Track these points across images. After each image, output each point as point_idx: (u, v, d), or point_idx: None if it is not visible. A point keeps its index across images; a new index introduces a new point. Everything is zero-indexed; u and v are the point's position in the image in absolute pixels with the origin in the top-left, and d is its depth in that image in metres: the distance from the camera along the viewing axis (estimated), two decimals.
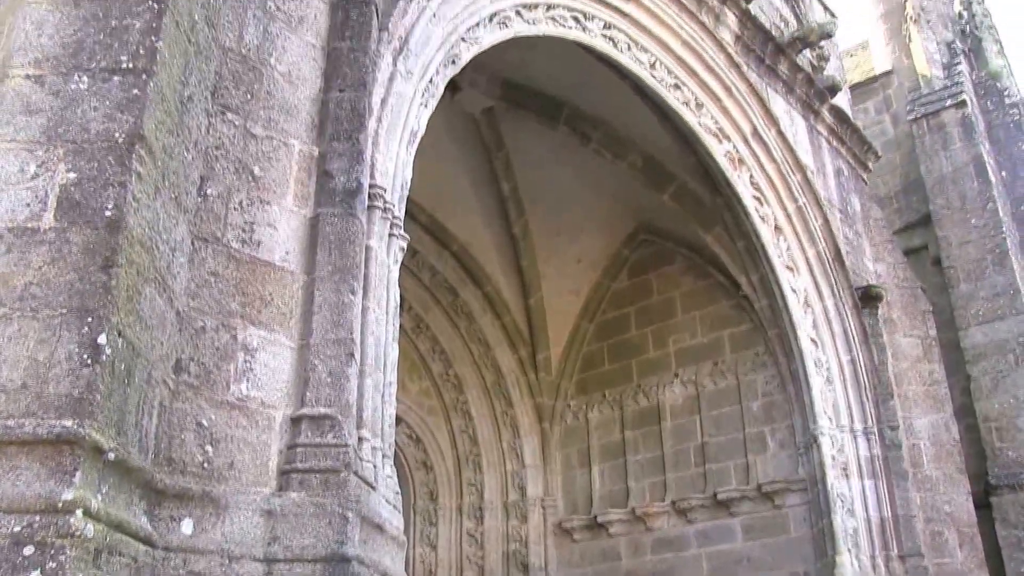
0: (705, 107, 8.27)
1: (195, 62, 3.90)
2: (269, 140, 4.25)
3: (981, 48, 15.41)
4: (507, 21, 6.23)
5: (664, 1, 7.82)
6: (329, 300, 4.03)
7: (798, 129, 9.53)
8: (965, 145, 12.89)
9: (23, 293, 3.08)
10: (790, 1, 10.69)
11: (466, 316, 11.08)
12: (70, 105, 3.42)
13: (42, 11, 3.60)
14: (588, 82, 8.44)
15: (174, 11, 3.72)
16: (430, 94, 5.36)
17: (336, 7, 4.75)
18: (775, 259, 8.79)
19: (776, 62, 9.29)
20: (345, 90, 4.47)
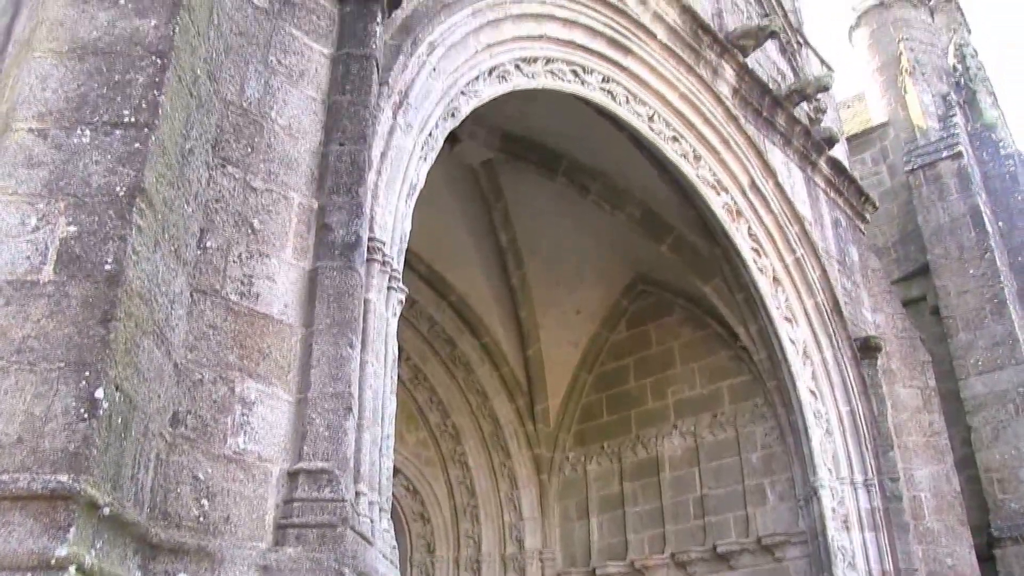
0: (703, 159, 8.33)
1: (196, 115, 3.93)
2: (269, 193, 4.27)
3: (976, 100, 15.57)
4: (506, 75, 6.30)
5: (662, 55, 7.91)
6: (327, 353, 4.02)
7: (795, 181, 9.59)
8: (962, 196, 12.97)
9: (21, 346, 3.07)
10: (787, 54, 10.81)
11: (464, 367, 11.07)
12: (72, 158, 3.44)
13: (47, 65, 3.64)
14: (587, 134, 8.51)
15: (177, 66, 3.75)
16: (429, 147, 5.41)
17: (337, 61, 4.81)
18: (773, 310, 8.80)
19: (773, 115, 9.38)
20: (345, 143, 4.51)
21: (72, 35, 3.73)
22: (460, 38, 5.79)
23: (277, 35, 4.66)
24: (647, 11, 7.92)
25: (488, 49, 6.10)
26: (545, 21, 6.74)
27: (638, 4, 7.85)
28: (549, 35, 6.76)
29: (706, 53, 8.49)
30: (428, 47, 5.44)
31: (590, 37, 7.19)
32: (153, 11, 3.80)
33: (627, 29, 7.55)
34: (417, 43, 5.34)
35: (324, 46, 4.84)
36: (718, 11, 9.56)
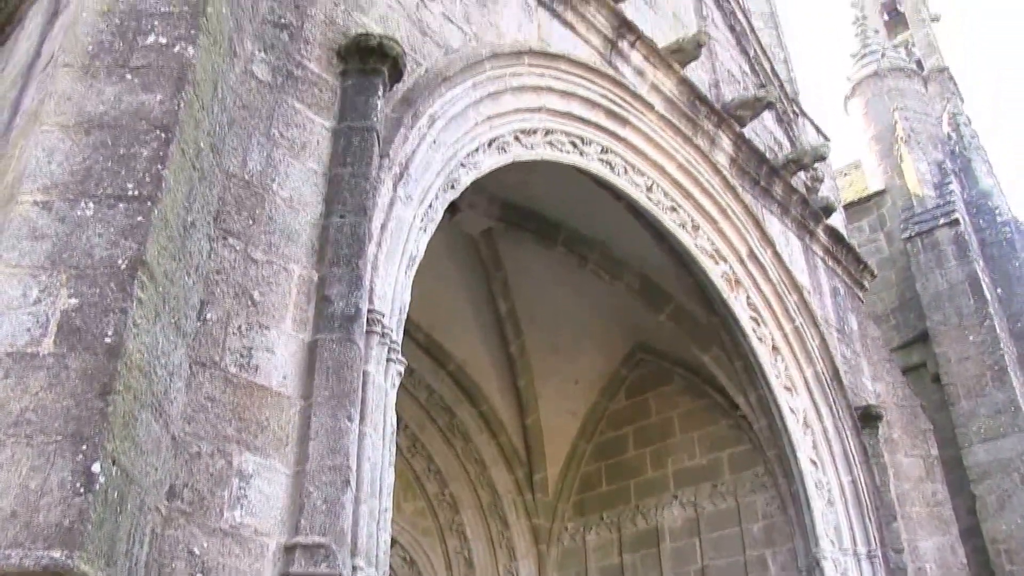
0: (701, 229, 8.38)
1: (199, 188, 3.97)
2: (269, 265, 4.30)
3: (971, 168, 15.75)
4: (506, 146, 6.38)
5: (660, 126, 8.01)
6: (326, 426, 4.01)
7: (794, 249, 9.64)
8: (960, 263, 13.03)
9: (19, 419, 3.06)
10: (783, 124, 10.94)
11: (462, 436, 11.01)
12: (75, 231, 3.46)
13: (54, 139, 3.69)
14: (585, 204, 8.57)
15: (181, 139, 3.80)
16: (429, 218, 5.45)
17: (338, 134, 4.87)
18: (773, 379, 8.77)
19: (771, 184, 9.46)
20: (346, 215, 4.55)
21: (79, 109, 3.79)
22: (460, 110, 5.87)
23: (280, 108, 4.73)
24: (644, 82, 8.05)
25: (488, 121, 6.18)
26: (544, 93, 6.84)
27: (635, 76, 7.98)
28: (548, 107, 6.86)
29: (703, 123, 8.60)
30: (429, 119, 5.52)
31: (588, 108, 7.29)
32: (159, 86, 3.86)
33: (625, 100, 7.66)
34: (418, 116, 5.41)
35: (326, 119, 4.91)
36: (715, 82, 9.71)
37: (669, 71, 8.31)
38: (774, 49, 12.81)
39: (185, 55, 3.96)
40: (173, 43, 4.00)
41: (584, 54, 7.52)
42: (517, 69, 6.57)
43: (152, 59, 3.95)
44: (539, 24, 7.19)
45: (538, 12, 7.26)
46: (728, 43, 10.71)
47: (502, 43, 6.61)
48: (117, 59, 3.95)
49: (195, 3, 4.13)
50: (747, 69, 10.82)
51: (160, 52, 3.97)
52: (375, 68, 5.08)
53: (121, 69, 3.92)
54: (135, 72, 3.91)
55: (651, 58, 8.15)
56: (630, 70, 7.95)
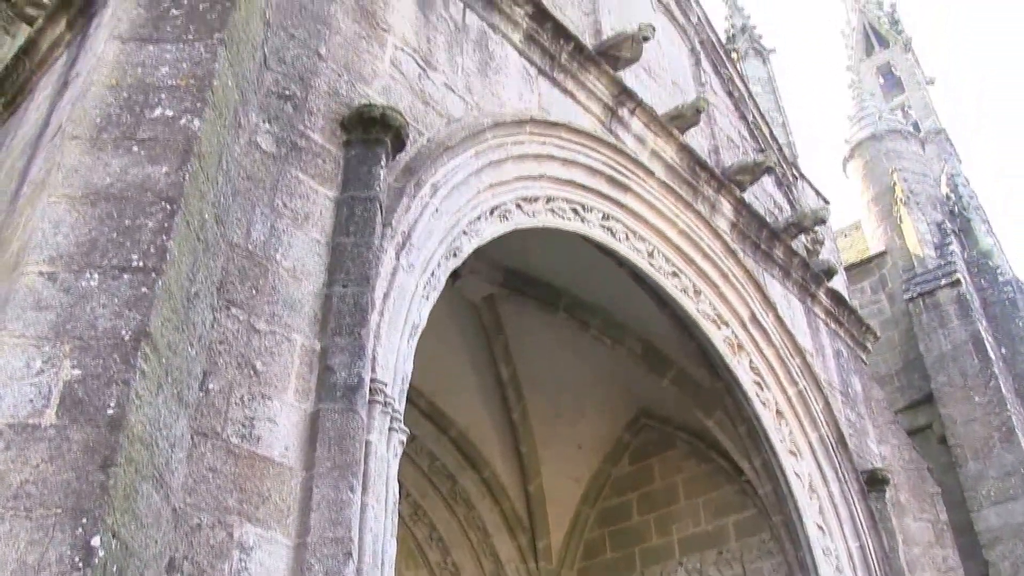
0: (703, 294, 8.40)
1: (203, 259, 4.00)
2: (272, 335, 4.30)
3: (970, 228, 15.84)
4: (508, 214, 6.42)
5: (661, 192, 8.08)
6: (328, 497, 3.98)
7: (795, 313, 9.64)
8: (962, 323, 13.03)
9: (18, 491, 3.05)
10: (783, 188, 11.03)
11: (464, 502, 10.91)
12: (80, 302, 3.48)
13: (60, 210, 3.73)
14: (587, 269, 8.61)
15: (186, 211, 3.84)
16: (432, 287, 5.47)
17: (341, 204, 4.90)
18: (777, 444, 8.71)
19: (772, 248, 9.51)
20: (348, 285, 4.56)
21: (86, 181, 3.84)
22: (463, 179, 5.91)
23: (283, 179, 4.76)
24: (645, 149, 8.13)
25: (490, 189, 6.23)
26: (545, 161, 6.91)
27: (636, 143, 8.07)
28: (549, 174, 6.92)
29: (704, 189, 8.67)
30: (431, 188, 5.56)
31: (589, 176, 7.35)
32: (165, 158, 3.91)
33: (626, 167, 7.73)
34: (420, 185, 5.46)
35: (329, 189, 4.95)
36: (714, 147, 9.81)
37: (669, 138, 8.40)
38: (772, 113, 12.97)
39: (191, 128, 4.02)
40: (179, 116, 4.06)
41: (585, 122, 7.61)
42: (519, 137, 6.64)
43: (158, 132, 4.00)
44: (540, 93, 7.29)
45: (539, 81, 7.36)
46: (727, 109, 10.84)
47: (503, 112, 6.68)
48: (124, 132, 4.01)
49: (202, 77, 4.21)
50: (746, 134, 10.94)
51: (166, 125, 4.03)
52: (378, 138, 5.12)
53: (128, 142, 3.97)
54: (141, 144, 3.97)
55: (651, 125, 8.25)
56: (631, 137, 8.04)
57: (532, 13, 7.38)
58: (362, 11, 5.89)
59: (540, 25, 7.45)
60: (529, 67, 7.33)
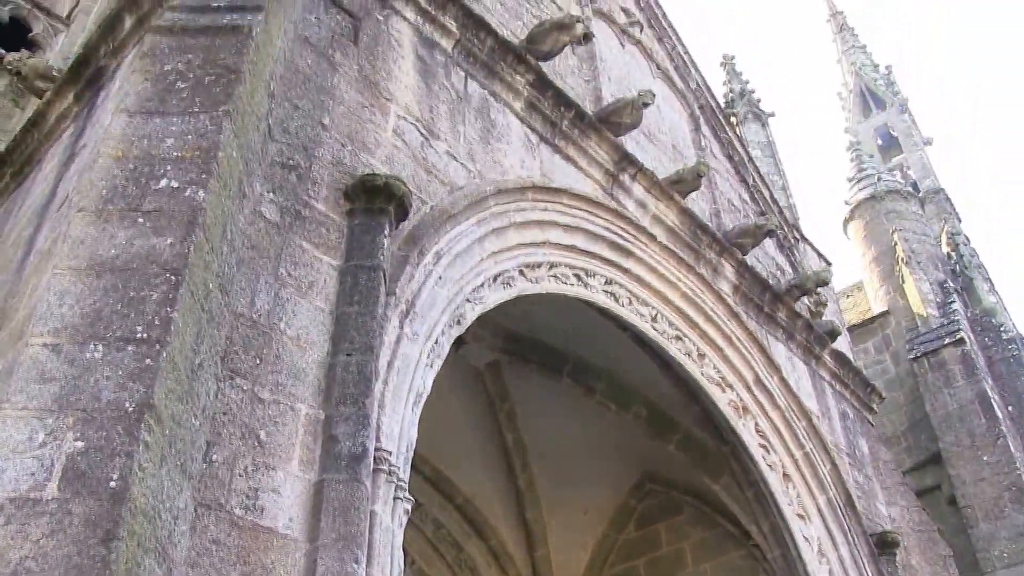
0: (707, 357, 8.39)
1: (207, 329, 4.00)
2: (276, 404, 4.29)
3: (973, 286, 15.86)
4: (511, 281, 6.44)
5: (663, 256, 8.11)
6: (332, 569, 3.93)
7: (800, 375, 9.61)
8: (968, 382, 12.99)
9: (17, 568, 3.01)
10: (785, 250, 11.07)
11: (470, 570, 10.77)
12: (84, 374, 3.48)
13: (66, 282, 3.75)
14: (591, 334, 8.61)
15: (190, 282, 3.85)
16: (436, 354, 5.46)
17: (345, 273, 4.91)
18: (785, 507, 8.62)
19: (775, 310, 9.51)
20: (352, 354, 4.56)
21: (92, 253, 3.86)
22: (466, 246, 5.94)
23: (288, 248, 4.79)
24: (646, 214, 8.18)
25: (493, 256, 6.26)
26: (548, 227, 6.95)
27: (637, 208, 8.12)
28: (552, 241, 6.95)
29: (706, 252, 8.70)
30: (434, 256, 5.59)
31: (591, 241, 7.39)
32: (170, 230, 3.94)
33: (628, 232, 7.77)
34: (424, 253, 5.48)
35: (333, 258, 4.97)
36: (716, 211, 9.88)
37: (670, 202, 8.46)
38: (772, 176, 13.07)
39: (196, 199, 4.05)
40: (184, 187, 4.10)
41: (586, 188, 7.66)
42: (521, 204, 6.69)
43: (164, 203, 4.04)
44: (541, 160, 7.36)
45: (540, 148, 7.43)
46: (727, 172, 10.94)
47: (506, 179, 6.73)
48: (130, 203, 4.04)
49: (207, 149, 4.26)
50: (746, 197, 11.02)
51: (171, 196, 4.06)
52: (381, 208, 5.15)
53: (133, 213, 4.01)
54: (147, 216, 4.00)
55: (652, 190, 8.31)
56: (632, 202, 8.10)
57: (533, 81, 7.48)
58: (365, 81, 5.98)
59: (541, 93, 7.54)
60: (531, 134, 7.40)
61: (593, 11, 10.06)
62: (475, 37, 7.14)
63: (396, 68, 6.33)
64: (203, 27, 4.81)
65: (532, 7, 8.82)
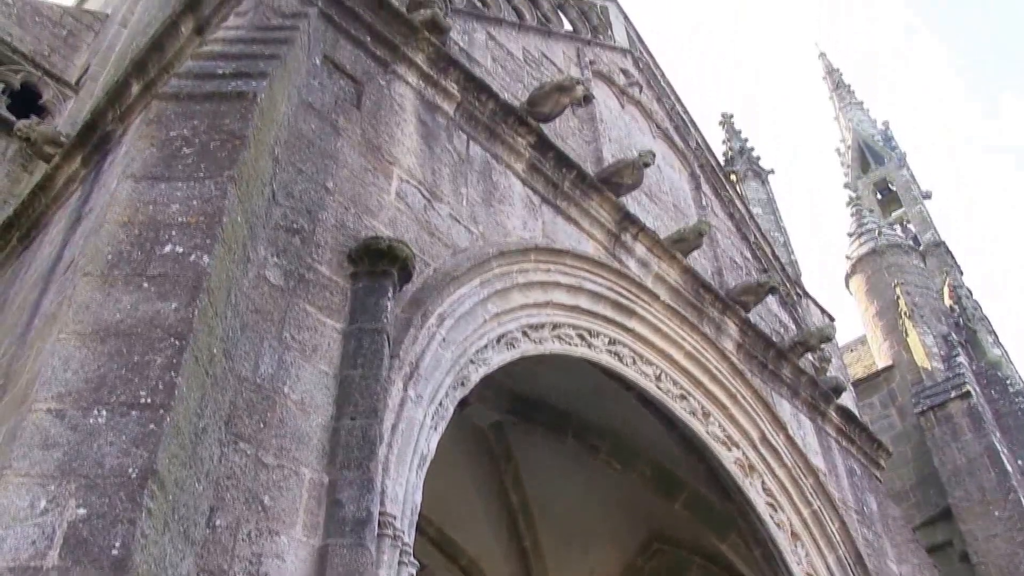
0: (712, 416, 8.35)
1: (211, 393, 4.00)
2: (280, 469, 4.27)
3: (977, 339, 15.84)
4: (514, 342, 6.44)
5: (666, 315, 8.12)
6: None
7: (806, 432, 9.56)
8: (976, 436, 12.90)
9: None
10: (787, 306, 11.08)
11: None
12: (87, 439, 3.47)
13: (70, 347, 3.74)
14: (595, 394, 8.59)
15: (195, 346, 3.85)
16: (440, 416, 5.45)
17: (349, 336, 4.92)
18: (794, 567, 8.51)
19: (779, 367, 9.49)
20: (356, 418, 4.54)
21: (97, 318, 3.86)
22: (469, 308, 5.95)
23: (292, 311, 4.80)
24: (649, 273, 8.21)
25: (496, 318, 6.27)
26: (551, 288, 6.97)
27: (640, 267, 8.15)
28: (555, 301, 6.97)
29: (709, 311, 8.71)
30: (438, 319, 5.59)
31: (595, 301, 7.40)
32: (175, 295, 3.95)
33: (630, 292, 7.79)
34: (427, 315, 5.48)
35: (337, 321, 4.97)
36: (718, 269, 9.91)
37: (673, 261, 8.49)
38: (773, 233, 13.13)
39: (200, 264, 4.06)
40: (189, 252, 4.11)
41: (589, 248, 7.71)
42: (524, 266, 6.71)
43: (168, 268, 4.05)
44: (544, 221, 7.40)
45: (542, 209, 7.48)
46: (728, 230, 10.99)
47: (508, 241, 6.77)
48: (135, 268, 4.05)
49: (212, 214, 4.28)
50: (748, 255, 11.06)
51: (176, 261, 4.07)
52: (385, 270, 5.17)
53: (138, 278, 4.02)
54: (152, 281, 4.01)
55: (654, 249, 8.35)
56: (634, 262, 8.13)
57: (534, 143, 7.56)
58: (368, 145, 6.04)
59: (543, 155, 7.62)
60: (533, 196, 7.46)
61: (593, 73, 10.21)
62: (476, 100, 7.23)
63: (399, 131, 6.40)
64: (208, 94, 4.86)
65: (532, 70, 8.94)
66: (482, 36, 8.49)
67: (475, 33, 8.41)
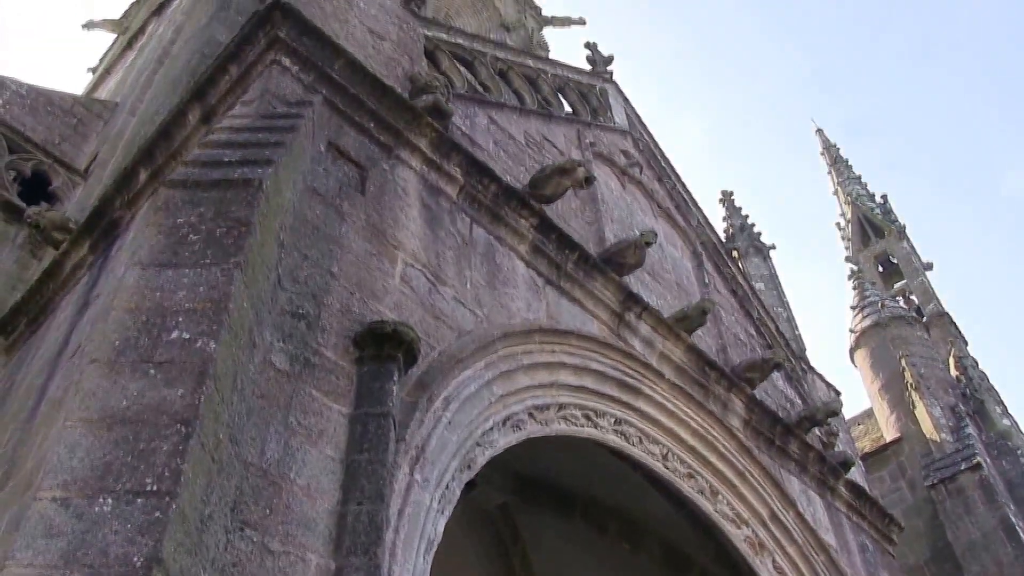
0: (721, 494, 8.29)
1: (217, 480, 4.00)
2: (286, 555, 4.24)
3: (985, 409, 15.73)
4: (521, 424, 6.43)
5: (672, 394, 8.10)
6: None
7: (816, 508, 9.46)
8: (989, 508, 12.76)
9: None
10: (793, 382, 11.06)
11: None
12: (92, 528, 3.46)
13: (77, 434, 3.76)
14: (602, 473, 8.54)
15: (201, 433, 3.86)
16: (447, 500, 5.42)
17: (355, 420, 4.92)
18: None
19: (787, 443, 9.44)
20: (363, 503, 4.52)
21: (103, 405, 3.88)
22: (474, 390, 5.95)
23: (297, 396, 4.81)
24: (654, 352, 8.22)
25: (502, 400, 6.27)
26: (556, 369, 6.98)
27: (644, 346, 8.16)
28: (560, 382, 6.97)
29: (714, 388, 8.70)
30: (444, 402, 5.59)
31: (600, 381, 7.40)
32: (181, 381, 3.97)
33: (636, 371, 7.79)
34: (433, 399, 5.49)
35: (343, 405, 4.97)
36: (722, 346, 9.92)
37: (677, 340, 8.50)
38: (777, 309, 13.16)
39: (207, 350, 4.09)
40: (196, 339, 4.14)
41: (593, 328, 7.73)
42: (528, 347, 6.73)
43: (175, 354, 4.08)
44: (548, 302, 7.44)
45: (546, 290, 7.53)
46: (732, 307, 11.03)
47: (513, 322, 6.79)
48: (142, 355, 4.08)
49: (218, 300, 4.32)
50: (752, 331, 11.08)
51: (183, 347, 4.10)
52: (390, 354, 5.18)
53: (145, 365, 4.04)
54: (158, 367, 4.03)
55: (658, 328, 8.37)
56: (639, 341, 8.14)
57: (537, 225, 7.63)
58: (372, 229, 6.10)
59: (545, 236, 7.68)
60: (536, 277, 7.51)
61: (593, 154, 10.35)
62: (479, 183, 7.32)
63: (402, 216, 6.47)
64: (215, 181, 4.93)
65: (534, 152, 9.07)
66: (484, 120, 8.63)
67: (477, 117, 8.55)
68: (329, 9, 7.34)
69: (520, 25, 21.27)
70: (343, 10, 7.55)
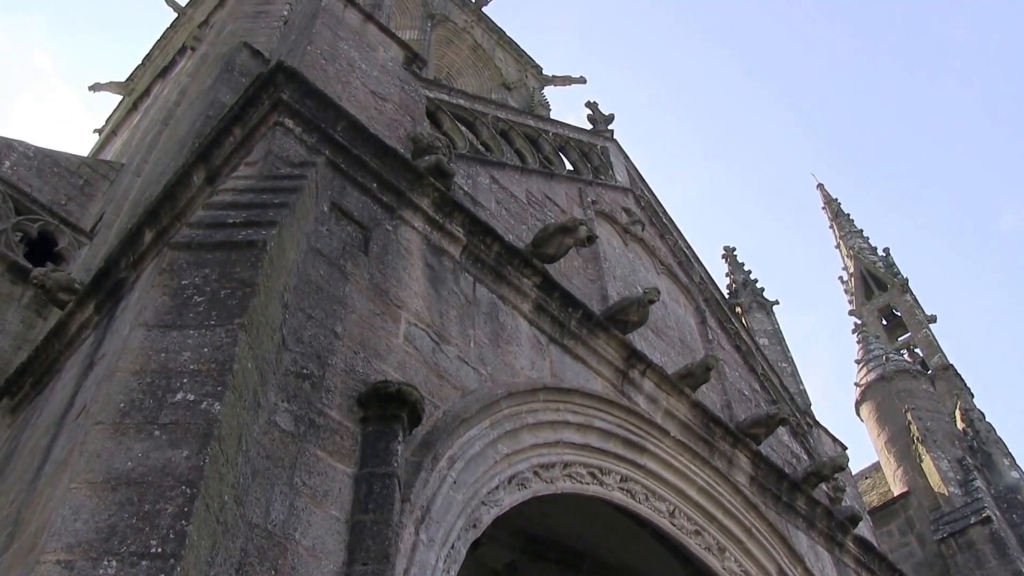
0: (728, 551, 8.21)
1: (222, 541, 3.98)
2: None
3: (992, 462, 15.63)
4: (526, 482, 6.40)
5: (677, 450, 8.06)
6: None
7: (824, 564, 9.36)
8: (1001, 562, 12.62)
9: None
10: (799, 437, 11.00)
11: None
12: None
13: (81, 497, 3.74)
14: (608, 531, 8.47)
15: (205, 494, 3.85)
16: (452, 559, 5.38)
17: (360, 480, 4.90)
18: None
19: (793, 499, 9.37)
20: (368, 563, 4.49)
21: (108, 467, 3.87)
22: (479, 450, 5.94)
23: (302, 457, 4.80)
24: (658, 409, 8.20)
25: (507, 458, 6.24)
26: (560, 427, 6.96)
27: (649, 403, 8.14)
28: (565, 440, 6.94)
29: (719, 444, 8.66)
30: (448, 461, 5.58)
31: (605, 439, 7.38)
32: (186, 442, 3.96)
33: (640, 428, 7.77)
34: (438, 458, 5.47)
35: (347, 466, 4.96)
36: (727, 402, 9.89)
37: (681, 396, 8.49)
38: (781, 364, 13.13)
39: (211, 412, 4.09)
40: (200, 400, 4.14)
41: (597, 386, 7.73)
42: (533, 405, 6.72)
43: (180, 416, 4.07)
44: (551, 360, 7.44)
45: (550, 349, 7.54)
46: (736, 363, 11.01)
47: (517, 381, 6.79)
48: (147, 416, 4.08)
49: (222, 361, 4.32)
50: (757, 386, 11.05)
51: (188, 409, 4.10)
52: (395, 414, 5.18)
53: (150, 426, 4.04)
54: (163, 429, 4.03)
55: (662, 385, 8.36)
56: (643, 398, 8.13)
57: (540, 283, 7.65)
58: (376, 290, 6.12)
59: (548, 295, 7.70)
60: (540, 335, 7.52)
61: (595, 212, 10.42)
62: (482, 243, 7.36)
63: (406, 275, 6.49)
64: (219, 242, 4.96)
65: (536, 211, 9.14)
66: (486, 180, 8.71)
67: (479, 177, 8.63)
68: (332, 71, 7.45)
69: (521, 84, 21.53)
70: (346, 72, 7.66)
